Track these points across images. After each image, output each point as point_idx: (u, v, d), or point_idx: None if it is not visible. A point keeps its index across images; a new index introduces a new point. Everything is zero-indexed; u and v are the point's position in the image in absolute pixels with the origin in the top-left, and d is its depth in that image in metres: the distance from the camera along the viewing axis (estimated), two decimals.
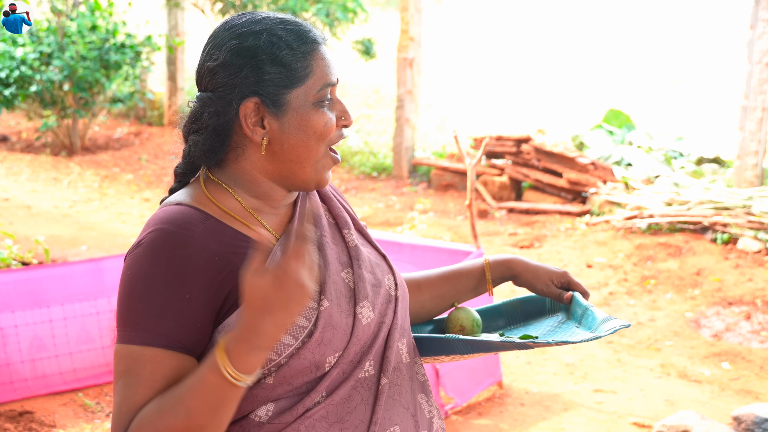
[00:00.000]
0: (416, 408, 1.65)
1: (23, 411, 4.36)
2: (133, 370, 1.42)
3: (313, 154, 1.57)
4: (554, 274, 1.85)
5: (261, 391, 1.50)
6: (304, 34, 1.56)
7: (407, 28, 10.64)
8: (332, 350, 1.52)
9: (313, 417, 1.52)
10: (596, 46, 16.51)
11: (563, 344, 1.64)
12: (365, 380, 1.58)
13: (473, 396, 4.71)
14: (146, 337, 1.43)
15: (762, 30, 8.17)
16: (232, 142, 1.56)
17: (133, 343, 1.44)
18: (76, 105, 11.02)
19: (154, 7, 13.53)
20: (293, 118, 1.54)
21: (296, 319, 1.41)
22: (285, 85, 1.53)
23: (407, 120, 10.77)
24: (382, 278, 1.66)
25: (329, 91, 1.58)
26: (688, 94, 14.41)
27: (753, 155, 8.32)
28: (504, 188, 9.73)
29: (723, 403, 4.89)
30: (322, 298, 1.52)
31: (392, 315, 1.65)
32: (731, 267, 7.00)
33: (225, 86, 1.53)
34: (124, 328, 1.46)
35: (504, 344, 1.68)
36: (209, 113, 1.54)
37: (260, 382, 1.49)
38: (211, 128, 1.54)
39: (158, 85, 14.25)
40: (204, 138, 1.55)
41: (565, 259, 7.60)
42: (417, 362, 1.70)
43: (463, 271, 1.91)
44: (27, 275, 4.54)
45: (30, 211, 8.67)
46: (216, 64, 1.53)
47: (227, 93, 1.52)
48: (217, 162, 1.58)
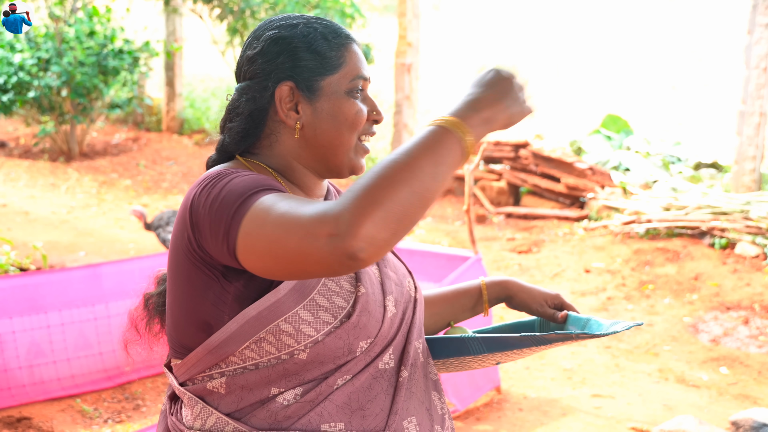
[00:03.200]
0: (430, 403, 1.69)
1: (21, 417, 4.35)
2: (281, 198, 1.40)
3: (345, 141, 1.62)
4: (548, 296, 1.91)
5: (293, 366, 1.53)
6: (338, 29, 1.65)
7: (405, 33, 10.65)
8: (365, 335, 1.56)
9: (335, 403, 1.55)
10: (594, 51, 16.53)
11: (586, 337, 1.64)
12: (385, 372, 1.61)
13: (473, 401, 4.71)
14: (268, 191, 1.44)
15: (759, 35, 8.19)
16: (266, 128, 1.63)
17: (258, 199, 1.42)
18: (74, 111, 11.02)
19: (152, 13, 13.53)
20: (326, 104, 1.60)
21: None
22: (319, 72, 1.60)
23: (405, 125, 10.78)
24: (402, 280, 1.72)
25: (361, 83, 1.64)
26: (685, 100, 14.43)
27: (751, 160, 8.33)
28: (502, 193, 9.74)
29: (721, 407, 4.88)
30: (359, 284, 1.58)
31: (411, 314, 1.70)
32: (729, 272, 7.01)
33: (262, 72, 1.61)
34: (248, 196, 1.42)
35: (523, 339, 1.67)
36: (246, 99, 1.61)
37: (293, 356, 1.52)
38: (246, 113, 1.61)
39: (156, 90, 14.25)
40: (239, 123, 1.61)
41: (563, 264, 7.61)
42: (430, 362, 1.75)
43: (460, 291, 1.95)
44: (25, 281, 4.53)
45: (28, 217, 8.67)
46: (254, 52, 1.62)
47: (263, 79, 1.60)
48: (250, 148, 1.64)
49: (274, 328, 1.50)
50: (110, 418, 4.49)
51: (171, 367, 1.67)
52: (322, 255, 1.29)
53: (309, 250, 1.31)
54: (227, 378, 1.54)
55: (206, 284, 1.51)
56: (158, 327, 1.75)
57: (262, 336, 1.51)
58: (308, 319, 1.51)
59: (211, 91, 14.56)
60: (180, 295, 1.56)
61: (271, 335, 1.51)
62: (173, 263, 1.56)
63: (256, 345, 1.51)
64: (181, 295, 1.56)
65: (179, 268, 1.55)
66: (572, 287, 7.09)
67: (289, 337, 1.51)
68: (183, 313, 1.56)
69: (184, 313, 1.56)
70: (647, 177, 9.40)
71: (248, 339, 1.51)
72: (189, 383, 1.60)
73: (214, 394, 1.57)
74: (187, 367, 1.58)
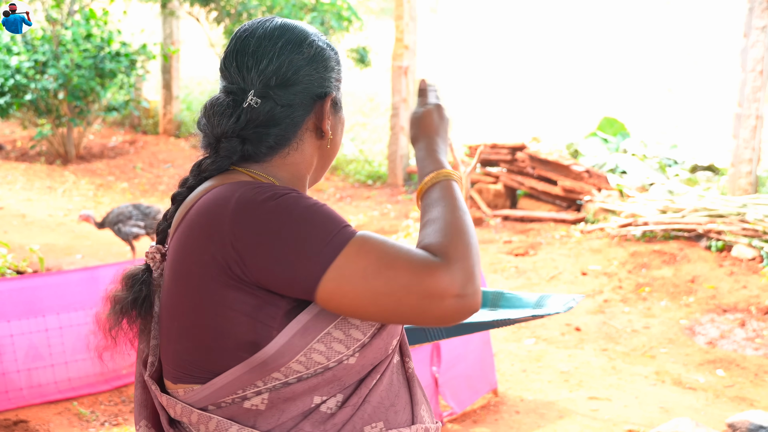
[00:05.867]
0: (422, 388, 1.74)
1: (18, 420, 4.35)
2: (378, 244, 1.43)
3: (338, 151, 1.71)
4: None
5: (344, 372, 1.50)
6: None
7: (402, 36, 10.66)
8: (396, 333, 1.58)
9: (372, 403, 1.54)
10: (591, 54, 16.56)
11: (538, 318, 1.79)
12: (397, 366, 1.63)
13: (470, 404, 4.72)
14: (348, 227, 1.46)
15: (755, 38, 8.21)
16: (296, 137, 1.61)
17: (353, 236, 1.44)
18: (71, 113, 11.02)
19: (149, 16, 13.55)
20: (340, 117, 1.68)
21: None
22: (341, 85, 1.68)
23: (402, 128, 10.79)
24: None
25: None
26: (682, 102, 14.45)
27: (747, 163, 8.35)
28: (499, 196, 9.74)
29: (718, 410, 4.89)
30: None
31: None
32: (726, 274, 7.02)
33: (306, 81, 1.60)
34: (335, 234, 1.42)
35: (478, 326, 1.78)
36: (285, 107, 1.58)
37: (341, 363, 1.49)
38: (288, 122, 1.59)
39: (153, 93, 14.25)
40: (278, 131, 1.58)
41: (560, 266, 7.62)
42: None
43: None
44: (22, 284, 4.53)
45: (25, 220, 8.66)
46: (303, 58, 1.60)
47: (308, 87, 1.60)
48: (256, 157, 1.59)
49: (324, 337, 1.46)
50: (107, 421, 4.49)
51: (167, 391, 1.59)
52: (446, 312, 1.40)
53: (431, 308, 1.39)
54: (270, 393, 1.48)
55: (253, 306, 1.44)
56: (132, 332, 1.65)
57: (313, 346, 1.46)
58: (355, 322, 1.49)
59: (207, 93, 14.57)
60: (211, 319, 1.46)
61: (321, 344, 1.46)
62: (193, 288, 1.48)
63: (305, 357, 1.46)
64: (213, 319, 1.46)
65: (206, 294, 1.46)
66: (569, 290, 7.10)
67: (340, 343, 1.48)
68: (216, 336, 1.47)
69: (219, 337, 1.47)
70: (644, 180, 9.42)
71: (298, 352, 1.46)
72: (213, 407, 1.51)
73: (251, 412, 1.49)
74: (212, 390, 1.49)
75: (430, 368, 4.30)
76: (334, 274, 1.39)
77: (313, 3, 10.44)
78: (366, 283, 1.39)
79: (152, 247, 1.60)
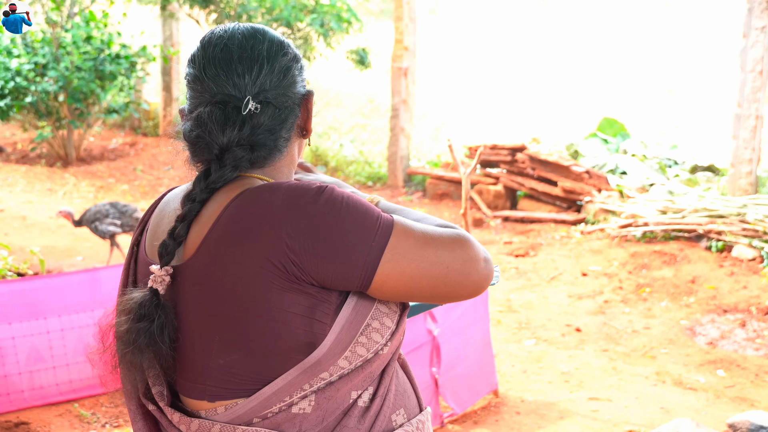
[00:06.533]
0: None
1: (19, 422, 4.35)
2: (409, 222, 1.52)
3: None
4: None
5: (378, 363, 1.54)
6: None
7: (402, 37, 10.67)
8: (406, 318, 1.62)
9: (393, 392, 1.58)
10: (591, 54, 16.56)
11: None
12: (398, 357, 1.67)
13: (471, 405, 4.72)
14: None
15: (755, 39, 8.21)
16: (291, 138, 1.62)
17: (391, 218, 1.50)
18: (71, 116, 11.02)
19: (149, 18, 13.55)
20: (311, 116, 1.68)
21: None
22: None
23: (402, 129, 10.80)
24: None
25: None
26: (682, 103, 14.45)
27: (747, 163, 8.35)
28: (499, 197, 9.75)
29: (718, 410, 4.89)
30: None
31: None
32: (726, 275, 7.02)
33: (293, 84, 1.60)
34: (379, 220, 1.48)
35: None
36: (282, 110, 1.59)
37: (377, 354, 1.52)
38: (288, 125, 1.60)
39: (153, 95, 14.26)
40: (281, 134, 1.59)
41: (560, 267, 7.62)
42: None
43: None
44: (23, 286, 4.53)
45: (25, 222, 8.67)
46: (288, 59, 1.61)
47: (294, 88, 1.60)
48: (259, 162, 1.59)
49: (365, 329, 1.50)
50: (108, 423, 4.49)
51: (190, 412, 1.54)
52: (481, 276, 1.53)
53: (471, 271, 1.52)
54: (315, 395, 1.48)
55: (308, 306, 1.45)
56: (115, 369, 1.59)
57: (358, 339, 1.49)
58: (385, 310, 1.53)
59: None
60: (266, 325, 1.44)
61: (363, 336, 1.50)
62: (241, 297, 1.45)
63: (350, 352, 1.48)
64: (268, 325, 1.44)
65: (259, 300, 1.44)
66: (569, 290, 7.10)
67: (377, 333, 1.51)
68: (272, 342, 1.45)
69: (275, 342, 1.45)
70: (644, 180, 9.42)
71: (346, 348, 1.48)
72: (258, 419, 1.49)
73: (297, 417, 1.48)
74: (260, 401, 1.48)
75: (429, 369, 4.30)
76: (390, 254, 1.45)
77: (312, 4, 10.44)
78: (419, 255, 1.47)
79: (159, 270, 1.51)
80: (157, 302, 1.49)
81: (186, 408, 1.56)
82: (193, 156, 1.57)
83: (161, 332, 1.49)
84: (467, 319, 4.61)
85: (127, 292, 1.54)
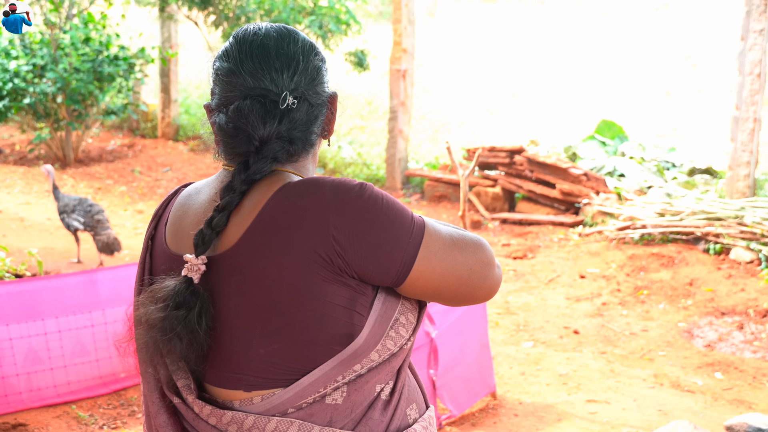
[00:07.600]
0: None
1: (17, 423, 4.35)
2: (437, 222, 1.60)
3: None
4: None
5: (401, 357, 1.58)
6: None
7: (400, 40, 10.67)
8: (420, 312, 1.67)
9: (407, 386, 1.63)
10: (589, 57, 16.58)
11: None
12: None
13: (469, 407, 4.72)
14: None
15: (753, 41, 8.22)
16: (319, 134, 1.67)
17: (422, 217, 1.57)
18: (70, 117, 11.02)
19: (148, 20, 13.55)
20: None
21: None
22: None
23: (400, 131, 10.80)
24: None
25: None
26: (680, 106, 14.47)
27: (745, 166, 8.36)
28: (497, 199, 9.75)
29: (716, 413, 4.90)
30: None
31: None
32: (724, 277, 7.02)
33: (323, 83, 1.64)
34: (414, 218, 1.54)
35: None
36: (315, 107, 1.62)
37: (402, 348, 1.57)
38: (317, 121, 1.63)
39: (151, 97, 14.25)
40: (315, 128, 1.63)
41: (558, 269, 7.62)
42: None
43: None
44: (21, 288, 4.52)
45: (23, 224, 8.66)
46: (319, 59, 1.64)
47: (323, 86, 1.64)
48: (292, 156, 1.62)
49: (394, 323, 1.55)
50: (105, 425, 4.49)
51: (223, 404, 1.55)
52: (496, 280, 1.63)
53: (489, 275, 1.60)
54: (347, 386, 1.52)
55: (349, 298, 1.49)
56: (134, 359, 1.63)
57: (389, 333, 1.54)
58: (409, 306, 1.59)
59: (206, 97, 14.52)
60: (310, 315, 1.47)
61: (393, 331, 1.55)
62: (286, 286, 1.47)
63: (381, 345, 1.53)
64: (311, 315, 1.47)
65: (305, 290, 1.46)
66: (567, 293, 7.11)
67: (403, 328, 1.56)
68: (314, 332, 1.48)
69: (317, 332, 1.48)
70: (642, 183, 9.42)
71: (378, 341, 1.53)
72: (293, 409, 1.51)
73: (329, 408, 1.51)
74: (297, 391, 1.50)
75: (427, 371, 4.30)
76: (424, 252, 1.51)
77: (311, 6, 10.44)
78: (447, 255, 1.54)
79: (195, 259, 1.51)
80: (194, 290, 1.50)
81: (215, 399, 1.56)
82: (229, 148, 1.59)
83: (200, 320, 1.50)
84: (465, 321, 4.61)
85: (158, 281, 1.54)
